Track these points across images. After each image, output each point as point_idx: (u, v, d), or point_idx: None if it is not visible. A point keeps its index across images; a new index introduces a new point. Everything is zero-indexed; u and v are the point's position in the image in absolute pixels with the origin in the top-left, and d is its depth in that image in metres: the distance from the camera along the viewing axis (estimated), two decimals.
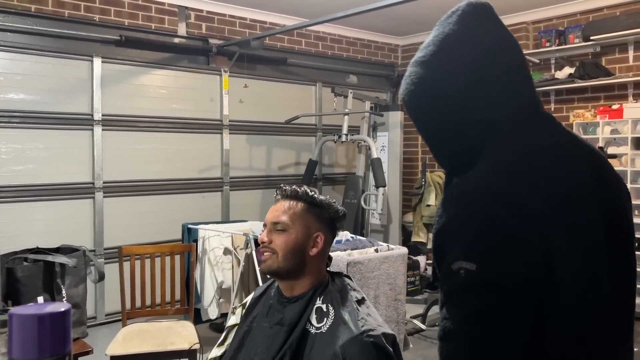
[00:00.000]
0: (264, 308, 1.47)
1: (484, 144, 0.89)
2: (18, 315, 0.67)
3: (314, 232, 1.42)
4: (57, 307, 0.71)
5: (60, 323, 0.68)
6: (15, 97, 3.86)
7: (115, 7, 4.32)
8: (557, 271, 0.78)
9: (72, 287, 2.56)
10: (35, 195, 3.94)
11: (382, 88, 6.35)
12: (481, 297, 0.77)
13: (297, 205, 1.44)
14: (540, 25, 5.20)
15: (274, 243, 1.41)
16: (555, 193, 0.83)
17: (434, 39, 0.94)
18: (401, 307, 3.33)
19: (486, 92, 0.90)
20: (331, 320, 1.34)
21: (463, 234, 0.82)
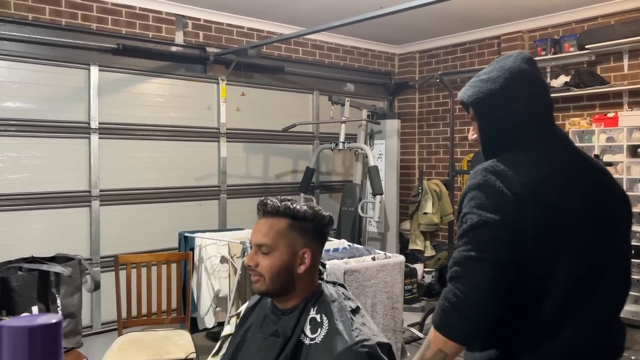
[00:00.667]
0: (259, 318, 1.46)
1: (514, 144, 1.35)
2: (8, 327, 0.67)
3: (299, 249, 1.38)
4: (49, 318, 0.70)
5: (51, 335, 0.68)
6: (11, 106, 3.86)
7: (113, 15, 4.33)
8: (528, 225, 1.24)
9: (67, 297, 2.54)
10: (31, 204, 3.93)
11: (379, 96, 6.37)
12: (477, 233, 1.26)
13: (279, 222, 1.37)
14: (536, 34, 5.23)
15: (260, 266, 1.37)
16: (537, 183, 1.27)
17: (503, 69, 1.38)
18: (398, 316, 3.32)
19: (532, 115, 1.38)
20: (325, 331, 1.34)
21: (473, 196, 1.30)
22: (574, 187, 1.30)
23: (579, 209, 1.28)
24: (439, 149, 6.16)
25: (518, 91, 1.35)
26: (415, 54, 6.33)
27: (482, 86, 1.36)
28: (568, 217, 1.26)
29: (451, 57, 5.99)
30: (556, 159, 1.33)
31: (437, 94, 6.18)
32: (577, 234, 1.27)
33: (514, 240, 1.23)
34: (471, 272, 1.24)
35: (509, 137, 1.35)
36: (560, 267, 1.25)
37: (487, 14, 5.00)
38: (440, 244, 5.83)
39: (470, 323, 1.23)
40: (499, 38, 5.46)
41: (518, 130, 1.36)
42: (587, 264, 1.27)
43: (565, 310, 1.25)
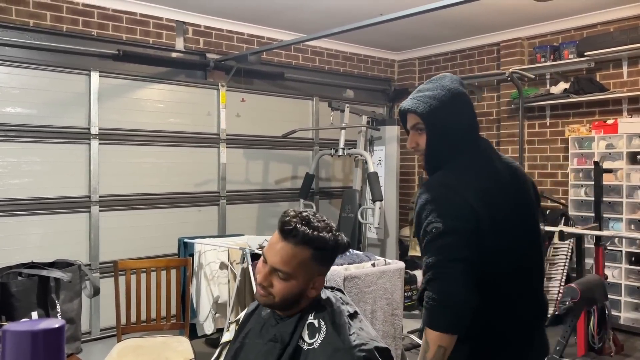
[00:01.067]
0: (257, 324, 1.45)
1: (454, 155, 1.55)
2: (12, 331, 0.67)
3: (315, 276, 1.37)
4: (51, 323, 0.70)
5: (54, 339, 0.68)
6: (12, 111, 3.86)
7: (114, 21, 4.34)
8: (481, 226, 1.44)
9: (66, 302, 2.53)
10: (30, 209, 3.92)
11: (379, 102, 6.38)
12: (444, 238, 1.42)
13: (302, 253, 1.33)
14: (535, 41, 5.26)
15: (274, 288, 1.35)
16: (481, 189, 1.48)
17: (445, 88, 1.56)
18: (398, 322, 3.31)
19: (471, 130, 1.58)
20: (323, 336, 1.33)
21: (433, 208, 1.45)
22: (508, 189, 1.55)
23: (514, 206, 1.54)
24: None
25: (460, 108, 1.55)
26: (414, 60, 6.35)
27: (431, 102, 1.52)
28: (508, 214, 1.50)
29: (451, 63, 6.01)
30: (492, 166, 1.56)
31: None
32: (515, 227, 1.52)
33: (474, 240, 1.42)
34: (446, 272, 1.40)
35: (453, 148, 1.54)
36: (508, 258, 1.49)
37: (486, 21, 5.02)
38: None
39: (457, 313, 1.39)
40: (498, 45, 5.48)
41: (461, 143, 1.54)
42: (524, 250, 1.54)
43: (515, 291, 1.51)
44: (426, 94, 1.54)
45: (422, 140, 1.56)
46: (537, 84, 5.15)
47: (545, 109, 5.14)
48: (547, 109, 5.13)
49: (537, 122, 5.25)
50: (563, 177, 5.05)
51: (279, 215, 1.94)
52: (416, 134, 1.57)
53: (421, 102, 1.53)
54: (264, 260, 1.38)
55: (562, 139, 5.06)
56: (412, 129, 1.58)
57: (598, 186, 4.21)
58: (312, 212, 1.41)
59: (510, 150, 5.37)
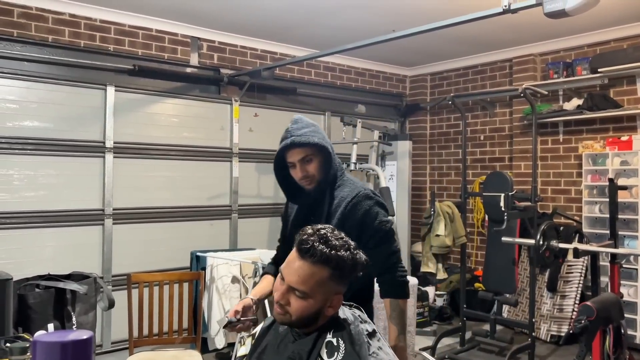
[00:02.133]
0: (275, 340, 1.44)
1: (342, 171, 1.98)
2: (42, 342, 0.67)
3: (332, 295, 1.36)
4: (80, 334, 0.71)
5: (82, 350, 0.69)
6: (29, 125, 3.92)
7: (130, 37, 4.41)
8: None
9: (82, 314, 2.54)
10: (45, 222, 3.96)
11: (391, 118, 6.39)
12: (393, 232, 1.92)
13: (320, 272, 1.32)
14: (548, 57, 5.26)
15: (291, 307, 1.34)
16: None
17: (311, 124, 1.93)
18: (410, 339, 3.28)
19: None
20: (342, 355, 1.32)
21: (382, 209, 1.91)
22: None
23: None
24: (450, 170, 6.16)
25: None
26: (426, 76, 6.37)
27: (322, 136, 1.89)
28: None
29: (463, 79, 6.02)
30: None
31: (448, 115, 6.20)
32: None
33: None
34: (400, 255, 1.94)
35: (340, 166, 1.95)
36: None
37: (498, 37, 5.04)
38: (452, 267, 5.78)
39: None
40: (510, 61, 5.49)
41: (339, 167, 1.95)
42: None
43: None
44: (312, 129, 1.88)
45: (311, 168, 1.88)
46: (550, 100, 5.14)
47: (559, 125, 5.12)
48: (561, 125, 5.11)
49: (550, 138, 5.23)
50: (577, 193, 5.02)
51: None
52: (305, 165, 1.87)
53: (315, 135, 1.85)
54: (282, 278, 1.37)
55: (575, 155, 5.03)
56: (300, 161, 1.86)
57: (613, 203, 4.17)
58: (330, 228, 1.40)
59: (523, 167, 5.34)
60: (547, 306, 4.65)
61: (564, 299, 4.59)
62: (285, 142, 1.84)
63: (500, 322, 4.44)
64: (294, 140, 1.83)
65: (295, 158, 1.86)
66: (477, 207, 5.75)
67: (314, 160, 1.87)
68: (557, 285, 4.63)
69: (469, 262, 5.74)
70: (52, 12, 4.04)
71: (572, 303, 4.52)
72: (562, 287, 4.63)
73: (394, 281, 1.90)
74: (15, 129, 3.86)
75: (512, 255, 4.21)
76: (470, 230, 5.73)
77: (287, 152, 1.87)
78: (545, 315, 4.64)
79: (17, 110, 3.87)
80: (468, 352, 4.33)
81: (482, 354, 4.31)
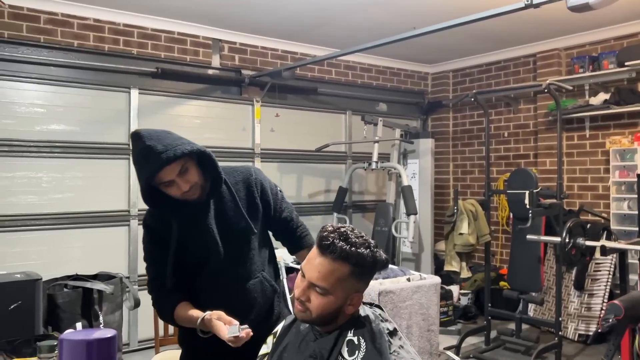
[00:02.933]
0: (296, 338, 1.45)
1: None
2: (68, 340, 0.69)
3: (353, 293, 1.36)
4: (104, 333, 0.73)
5: (106, 348, 0.70)
6: (57, 128, 4.01)
7: (153, 40, 4.48)
8: None
9: (109, 314, 2.60)
10: (73, 223, 4.05)
11: (412, 115, 6.36)
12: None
13: (341, 269, 1.32)
14: (573, 51, 5.16)
15: (311, 303, 1.35)
16: None
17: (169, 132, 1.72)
18: (434, 338, 3.26)
19: None
20: (363, 353, 1.32)
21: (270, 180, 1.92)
22: None
23: None
24: (474, 168, 6.09)
25: None
26: (448, 73, 6.32)
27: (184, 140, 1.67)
28: None
29: (485, 75, 5.95)
30: None
31: (471, 112, 6.14)
32: None
33: None
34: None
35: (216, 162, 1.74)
36: None
37: (522, 32, 4.96)
38: (477, 266, 5.72)
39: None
40: (534, 56, 5.40)
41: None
42: None
43: None
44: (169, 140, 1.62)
45: (193, 176, 1.66)
46: (576, 95, 5.05)
47: (585, 121, 5.03)
48: (587, 121, 5.01)
49: (576, 134, 5.13)
50: (604, 190, 4.91)
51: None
52: (183, 176, 1.64)
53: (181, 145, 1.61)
54: (302, 274, 1.39)
55: (602, 151, 4.93)
56: (180, 174, 1.63)
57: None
58: (350, 227, 1.40)
59: (548, 163, 5.26)
60: (574, 305, 4.57)
61: (592, 298, 4.50)
62: (153, 167, 1.58)
63: (526, 321, 4.38)
64: (164, 157, 1.57)
65: (170, 176, 1.62)
66: (501, 205, 5.68)
67: (189, 167, 1.65)
68: (585, 283, 4.54)
69: (494, 260, 5.67)
70: (77, 17, 4.12)
71: (600, 302, 4.43)
72: (590, 286, 4.54)
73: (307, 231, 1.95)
74: (43, 133, 3.95)
75: (537, 253, 4.15)
76: (495, 229, 5.66)
77: (157, 175, 1.61)
78: (572, 314, 4.55)
79: (44, 114, 3.97)
80: (493, 351, 4.28)
81: (507, 353, 4.26)
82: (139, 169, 1.64)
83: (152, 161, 1.57)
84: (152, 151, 1.57)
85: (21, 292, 2.05)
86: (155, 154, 1.57)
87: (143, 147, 1.59)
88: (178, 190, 1.64)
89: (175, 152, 1.58)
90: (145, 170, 1.61)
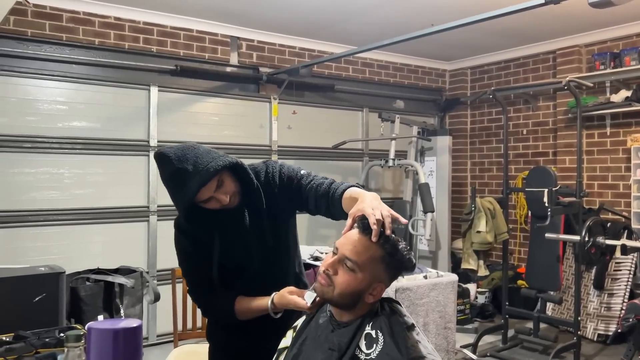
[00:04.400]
0: (315, 331, 1.47)
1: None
2: (96, 329, 0.72)
3: (376, 282, 1.38)
4: (130, 322, 0.75)
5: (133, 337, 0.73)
6: (78, 125, 4.08)
7: (172, 38, 4.53)
8: None
9: (129, 307, 2.65)
10: (94, 218, 4.12)
11: (430, 113, 6.33)
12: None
13: (377, 250, 1.36)
14: (594, 47, 5.09)
15: (338, 277, 1.37)
16: None
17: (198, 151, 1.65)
18: (451, 336, 3.26)
19: None
20: (380, 347, 1.33)
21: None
22: None
23: None
24: (492, 165, 6.05)
25: None
26: (466, 70, 6.27)
27: (210, 154, 1.62)
28: None
29: (504, 72, 5.90)
30: None
31: (489, 110, 6.09)
32: None
33: None
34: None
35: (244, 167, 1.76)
36: None
37: (541, 29, 4.91)
38: (494, 264, 5.68)
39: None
40: (554, 53, 5.34)
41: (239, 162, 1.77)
42: None
43: None
44: (199, 159, 1.59)
45: (229, 187, 1.64)
46: (597, 92, 4.98)
47: (606, 118, 4.96)
48: (608, 118, 4.94)
49: (596, 131, 5.07)
50: (625, 188, 4.84)
51: (329, 225, 1.99)
52: (222, 188, 1.62)
53: (212, 162, 1.58)
54: (334, 251, 1.41)
55: (623, 149, 4.86)
56: (216, 189, 1.60)
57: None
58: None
59: (567, 161, 5.20)
60: (593, 304, 4.52)
61: (612, 297, 4.44)
62: (190, 191, 1.55)
63: (544, 320, 4.35)
64: (198, 180, 1.54)
65: (208, 194, 1.59)
66: (519, 203, 5.63)
67: (224, 179, 1.63)
68: (605, 283, 4.49)
69: (512, 259, 5.62)
70: (98, 15, 4.19)
71: (620, 301, 4.37)
72: (610, 285, 4.48)
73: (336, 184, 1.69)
74: (65, 129, 4.03)
75: (556, 251, 4.11)
76: (513, 227, 5.62)
77: (195, 197, 1.58)
78: (592, 313, 4.50)
79: (66, 111, 4.04)
80: (510, 350, 4.26)
81: (525, 352, 4.23)
82: (175, 194, 1.60)
83: (187, 185, 1.54)
84: (185, 174, 1.54)
85: (45, 285, 2.10)
86: (188, 177, 1.54)
87: (174, 170, 1.56)
88: (217, 204, 1.62)
89: (208, 172, 1.55)
90: (181, 195, 1.57)
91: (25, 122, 3.89)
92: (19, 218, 3.85)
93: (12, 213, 3.83)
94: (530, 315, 4.22)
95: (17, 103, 3.87)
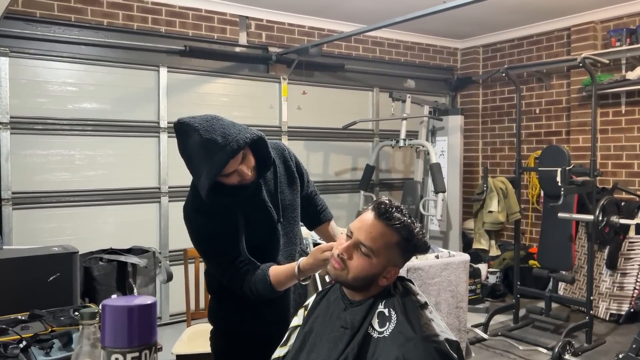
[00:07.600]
0: (327, 310, 1.47)
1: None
2: (110, 306, 0.72)
3: (391, 265, 1.38)
4: (145, 299, 0.75)
5: (147, 314, 0.72)
6: (88, 107, 4.08)
7: (180, 18, 4.49)
8: None
9: (142, 287, 2.67)
10: (106, 199, 4.15)
11: (441, 92, 6.26)
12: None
13: (391, 235, 1.35)
14: (610, 24, 4.97)
15: (351, 263, 1.37)
16: None
17: (222, 122, 1.64)
18: (463, 315, 3.26)
19: None
20: (393, 325, 1.33)
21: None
22: None
23: None
24: (504, 145, 5.98)
25: None
26: (478, 48, 6.18)
27: (237, 127, 1.59)
28: None
29: (517, 50, 5.80)
30: None
31: (502, 88, 6.00)
32: None
33: None
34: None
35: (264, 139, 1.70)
36: None
37: (555, 5, 4.80)
38: (506, 244, 5.66)
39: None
40: (568, 29, 5.23)
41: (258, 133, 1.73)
42: None
43: None
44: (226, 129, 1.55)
45: (251, 160, 1.61)
46: (612, 69, 4.88)
47: (621, 96, 4.87)
48: (623, 96, 4.85)
49: (611, 109, 4.98)
50: None
51: (339, 206, 2.01)
52: (245, 162, 1.59)
53: (239, 134, 1.54)
54: (348, 235, 1.40)
55: (639, 128, 4.78)
56: (241, 162, 1.57)
57: None
58: (404, 206, 1.43)
59: (581, 140, 5.13)
60: (606, 284, 4.49)
61: (625, 277, 4.42)
62: (219, 162, 1.50)
63: (556, 299, 4.34)
64: (229, 150, 1.50)
65: (234, 166, 1.55)
66: (532, 183, 5.58)
67: (247, 152, 1.59)
68: (618, 262, 4.46)
69: (523, 239, 5.59)
70: None
71: (633, 281, 4.35)
72: (623, 265, 4.45)
73: (326, 206, 2.00)
74: (76, 111, 4.03)
75: (569, 231, 4.08)
76: (525, 207, 5.58)
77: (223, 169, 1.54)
78: (604, 293, 4.48)
79: (76, 93, 4.04)
80: (522, 329, 4.26)
81: (536, 331, 4.23)
82: (199, 166, 1.54)
83: (216, 156, 1.49)
84: (214, 145, 1.49)
85: (59, 265, 2.12)
86: (217, 149, 1.49)
87: (201, 141, 1.50)
88: (238, 178, 1.58)
89: (238, 143, 1.51)
90: (210, 167, 1.50)
91: (36, 103, 3.90)
92: (33, 199, 3.88)
93: (26, 194, 3.86)
94: (542, 294, 4.21)
95: (28, 85, 3.87)
